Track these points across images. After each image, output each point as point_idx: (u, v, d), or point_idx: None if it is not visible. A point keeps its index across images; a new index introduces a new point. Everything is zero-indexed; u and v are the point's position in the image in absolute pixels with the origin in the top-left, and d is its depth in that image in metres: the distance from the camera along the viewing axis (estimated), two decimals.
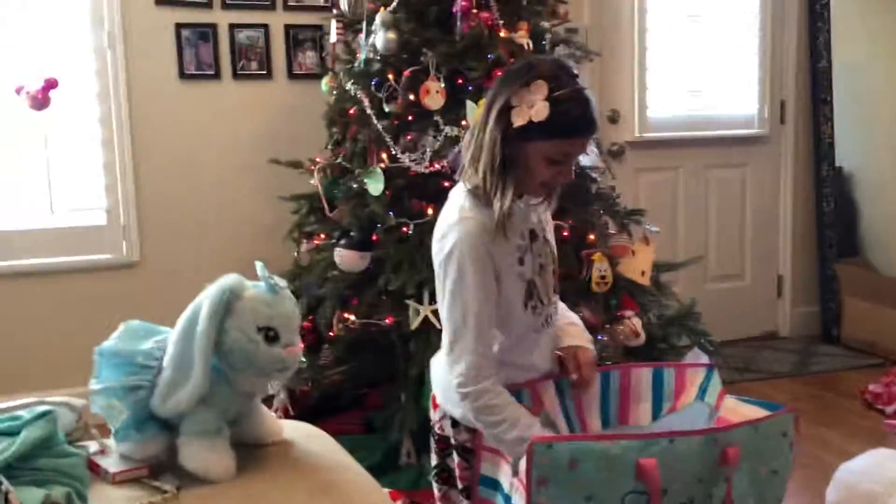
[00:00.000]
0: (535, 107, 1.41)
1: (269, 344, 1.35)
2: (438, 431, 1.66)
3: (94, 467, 1.35)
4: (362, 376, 2.93)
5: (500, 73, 1.55)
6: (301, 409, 2.92)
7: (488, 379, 1.47)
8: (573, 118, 1.44)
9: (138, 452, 1.38)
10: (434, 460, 1.70)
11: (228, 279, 1.36)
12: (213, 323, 1.33)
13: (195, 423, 1.36)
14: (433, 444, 1.69)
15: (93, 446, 1.40)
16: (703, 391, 1.63)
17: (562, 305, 1.71)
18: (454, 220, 1.48)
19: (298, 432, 1.54)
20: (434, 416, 1.67)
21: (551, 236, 1.65)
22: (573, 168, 1.53)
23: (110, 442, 1.42)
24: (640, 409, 1.63)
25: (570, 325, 1.68)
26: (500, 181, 1.45)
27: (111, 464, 1.37)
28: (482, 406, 1.47)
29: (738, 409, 1.56)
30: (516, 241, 1.52)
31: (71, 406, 1.41)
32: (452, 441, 1.62)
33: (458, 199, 1.52)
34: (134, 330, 1.45)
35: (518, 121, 1.42)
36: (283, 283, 1.41)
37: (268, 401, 2.88)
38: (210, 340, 1.33)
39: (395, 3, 2.69)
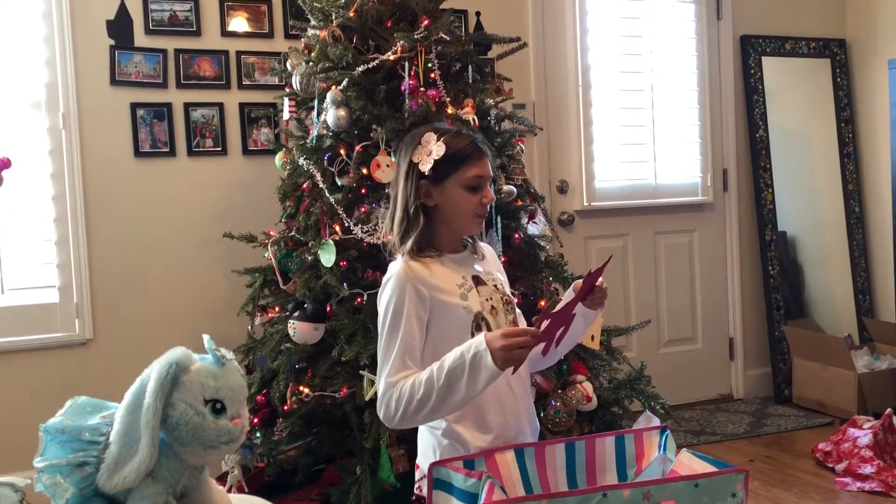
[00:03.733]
0: (433, 151, 1.66)
1: (215, 416, 1.37)
2: (416, 491, 1.72)
3: None
4: (318, 450, 2.91)
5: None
6: (256, 486, 2.89)
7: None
8: (466, 145, 1.68)
9: None
10: None
11: (175, 352, 1.37)
12: (159, 396, 1.34)
13: (142, 498, 1.36)
14: None
15: None
16: (662, 448, 1.67)
17: None
18: (388, 273, 1.67)
19: None
20: (416, 475, 1.73)
21: (504, 287, 1.77)
22: (490, 190, 1.71)
23: None
24: (606, 478, 1.65)
25: None
26: (412, 222, 1.67)
27: None
28: (397, 403, 1.56)
29: (690, 465, 1.59)
30: (455, 279, 1.67)
31: (13, 486, 1.40)
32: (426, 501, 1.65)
33: (392, 262, 1.71)
34: (81, 406, 1.45)
35: (426, 167, 1.66)
36: (229, 354, 1.43)
37: (222, 478, 2.85)
38: (157, 414, 1.33)
39: (345, 82, 2.78)
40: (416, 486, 1.72)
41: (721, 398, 4.55)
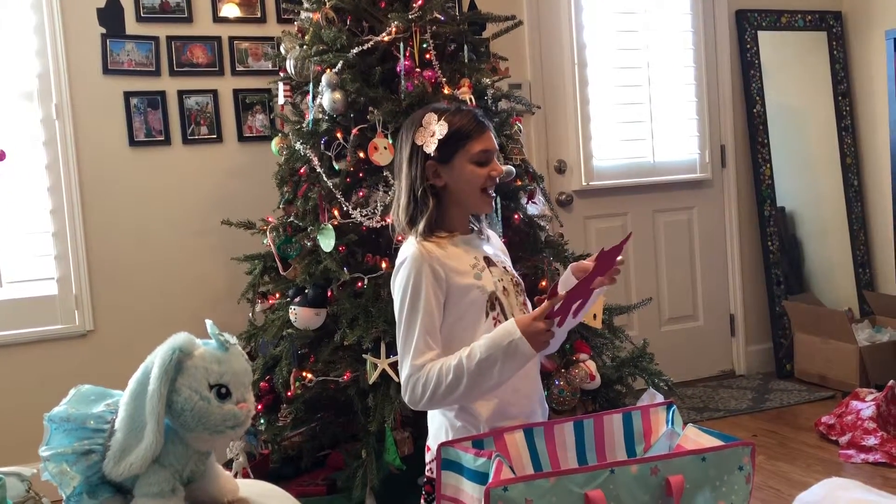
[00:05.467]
0: (435, 131, 1.65)
1: (220, 401, 1.36)
2: (428, 473, 1.71)
3: None
4: (323, 436, 2.91)
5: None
6: (262, 472, 2.89)
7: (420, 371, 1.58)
8: (469, 120, 1.68)
9: None
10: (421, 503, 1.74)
11: (178, 338, 1.36)
12: (163, 382, 1.33)
13: (149, 485, 1.35)
14: (423, 488, 1.73)
15: None
16: (670, 423, 1.67)
17: None
18: (402, 255, 1.67)
19: (255, 490, 1.53)
20: (427, 457, 1.73)
21: (513, 270, 1.78)
22: (498, 163, 1.72)
23: None
24: (616, 455, 1.65)
25: None
26: (420, 205, 1.65)
27: None
28: (424, 387, 1.56)
29: (696, 439, 1.59)
30: (468, 260, 1.66)
31: (20, 475, 1.40)
32: None
33: (404, 244, 1.70)
34: (85, 394, 1.44)
35: (430, 148, 1.65)
36: (233, 339, 1.41)
37: (227, 465, 2.85)
38: (161, 400, 1.33)
39: (340, 65, 2.76)
40: (427, 467, 1.72)
41: (723, 374, 4.56)
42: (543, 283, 2.79)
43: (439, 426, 1.68)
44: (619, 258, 1.65)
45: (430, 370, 1.56)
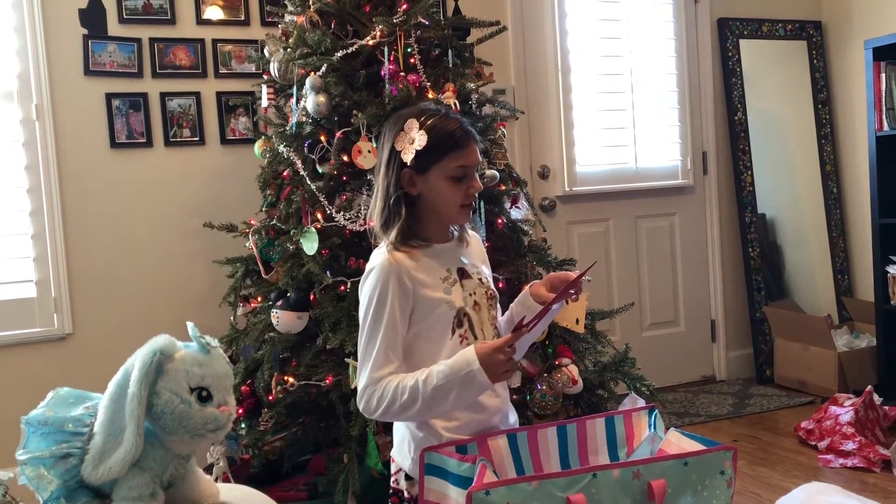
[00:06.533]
0: (415, 140, 1.56)
1: (201, 404, 1.35)
2: (393, 485, 1.68)
3: None
4: (304, 440, 2.89)
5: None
6: (242, 477, 2.87)
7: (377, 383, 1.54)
8: (451, 131, 1.58)
9: None
10: None
11: (159, 340, 1.36)
12: (144, 385, 1.32)
13: (129, 489, 1.34)
14: (390, 501, 1.70)
15: None
16: (653, 427, 1.68)
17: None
18: (371, 262, 1.60)
19: (235, 494, 1.53)
20: (392, 468, 1.70)
21: (489, 281, 1.71)
22: (478, 178, 1.65)
23: None
24: (598, 460, 1.65)
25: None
26: (393, 212, 1.59)
27: None
28: (379, 401, 1.52)
29: (679, 444, 1.59)
30: (440, 272, 1.61)
31: None
32: (405, 495, 1.63)
33: (375, 251, 1.65)
34: (63, 397, 1.43)
35: (408, 157, 1.56)
36: (214, 342, 1.41)
37: (207, 470, 2.83)
38: (141, 403, 1.32)
39: (324, 68, 2.75)
40: (393, 479, 1.69)
41: (704, 380, 4.59)
42: (524, 288, 2.79)
43: (402, 439, 1.65)
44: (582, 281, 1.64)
45: (387, 385, 1.52)
